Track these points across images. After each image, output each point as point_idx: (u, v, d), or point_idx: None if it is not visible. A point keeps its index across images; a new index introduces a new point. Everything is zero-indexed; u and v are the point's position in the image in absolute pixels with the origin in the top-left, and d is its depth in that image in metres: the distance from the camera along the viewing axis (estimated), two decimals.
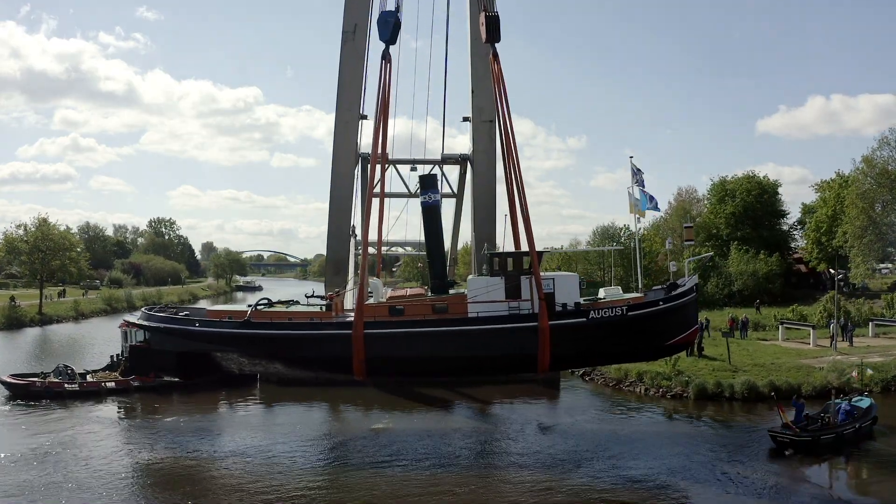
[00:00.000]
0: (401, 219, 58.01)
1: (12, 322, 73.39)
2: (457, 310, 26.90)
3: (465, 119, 47.57)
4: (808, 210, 79.57)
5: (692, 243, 41.48)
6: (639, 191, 29.30)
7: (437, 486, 24.96)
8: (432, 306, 27.17)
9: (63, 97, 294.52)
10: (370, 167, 29.19)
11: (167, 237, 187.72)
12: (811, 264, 74.31)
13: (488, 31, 27.82)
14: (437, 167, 48.58)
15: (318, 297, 30.73)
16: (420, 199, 30.74)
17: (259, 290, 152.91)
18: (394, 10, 27.66)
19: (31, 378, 38.93)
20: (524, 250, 27.67)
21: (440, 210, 31.27)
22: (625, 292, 30.52)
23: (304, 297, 31.36)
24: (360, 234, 46.57)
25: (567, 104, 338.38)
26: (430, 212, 30.12)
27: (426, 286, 31.75)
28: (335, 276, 45.73)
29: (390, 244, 55.03)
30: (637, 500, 23.68)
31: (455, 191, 52.64)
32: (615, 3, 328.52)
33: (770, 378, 36.80)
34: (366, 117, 45.59)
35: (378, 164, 27.94)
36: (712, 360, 41.61)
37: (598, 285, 30.71)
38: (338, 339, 26.50)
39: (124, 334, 41.55)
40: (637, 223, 30.21)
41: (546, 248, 31.80)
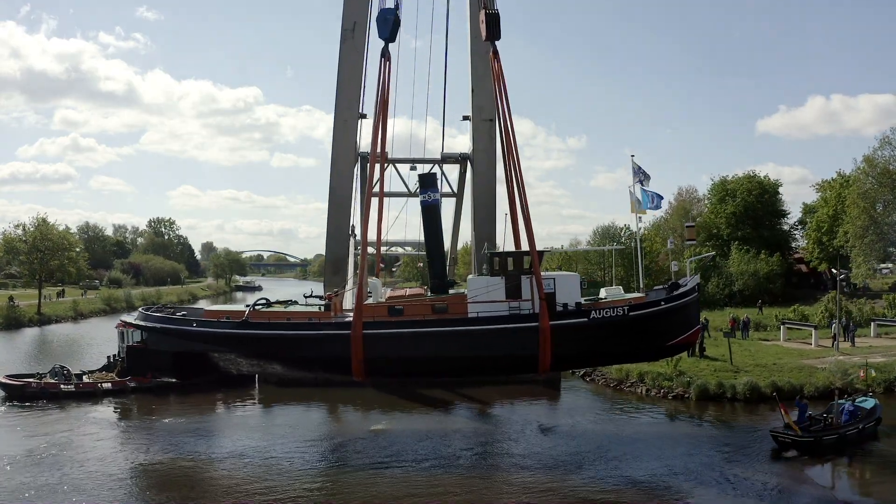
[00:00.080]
0: (400, 218, 57.25)
1: (11, 322, 73.25)
2: (457, 310, 26.67)
3: (465, 118, 47.31)
4: (808, 210, 79.44)
5: (694, 242, 41.32)
6: (640, 190, 29.07)
7: (438, 487, 24.76)
8: (432, 306, 26.95)
9: (63, 97, 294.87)
10: (369, 166, 29.01)
11: (167, 237, 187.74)
12: (812, 264, 74.17)
13: (488, 28, 27.66)
14: (437, 166, 48.28)
15: (317, 297, 30.53)
16: (420, 198, 30.50)
17: (259, 290, 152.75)
18: (393, 7, 27.44)
19: (27, 379, 38.65)
20: (525, 250, 27.45)
21: (440, 209, 31.04)
22: (625, 292, 30.28)
23: (302, 297, 31.15)
24: (359, 234, 46.25)
25: (567, 104, 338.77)
26: (430, 211, 29.89)
27: (426, 286, 31.50)
28: (334, 276, 45.48)
29: (390, 244, 54.72)
30: (639, 502, 23.45)
31: (455, 190, 52.34)
32: (615, 3, 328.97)
33: (772, 379, 36.58)
34: (365, 116, 45.39)
35: (377, 162, 27.75)
36: (714, 360, 41.39)
37: (599, 285, 30.47)
38: (336, 339, 26.27)
39: (121, 335, 41.32)
40: (638, 222, 29.96)
41: (546, 248, 31.51)
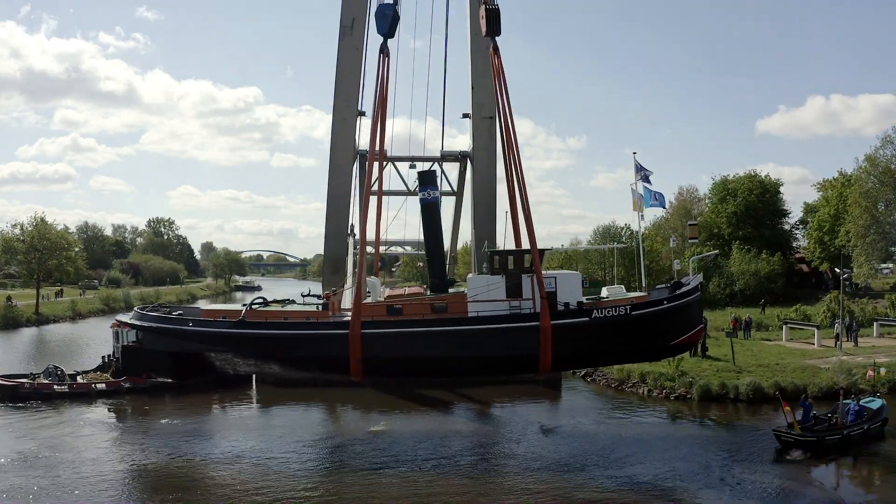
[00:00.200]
0: (400, 218, 57.02)
1: (8, 322, 73.00)
2: (456, 309, 26.33)
3: (465, 115, 46.92)
4: (810, 209, 79.16)
5: (696, 241, 41.06)
6: (643, 187, 28.72)
7: (438, 489, 24.47)
8: (431, 305, 26.61)
9: (63, 97, 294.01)
10: (368, 164, 28.72)
11: (166, 237, 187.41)
12: (813, 264, 73.85)
13: (488, 24, 27.35)
14: (437, 164, 47.92)
15: (315, 296, 30.19)
16: (419, 195, 30.15)
17: (258, 290, 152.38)
18: (392, 2, 27.12)
19: (20, 379, 38.27)
20: (525, 248, 27.13)
21: (439, 207, 30.73)
22: (627, 291, 29.91)
23: (300, 296, 30.82)
24: (358, 233, 45.92)
25: (567, 104, 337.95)
26: (430, 209, 29.54)
27: (425, 285, 31.17)
28: (333, 276, 45.11)
29: (389, 243, 54.33)
30: None
31: (455, 189, 51.97)
32: (615, 3, 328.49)
33: (775, 379, 36.25)
34: (364, 113, 45.00)
35: (376, 160, 27.43)
36: (716, 360, 41.06)
37: (600, 284, 30.11)
38: (335, 338, 25.95)
39: (116, 334, 40.96)
40: (640, 220, 29.59)
41: (547, 248, 31.18)
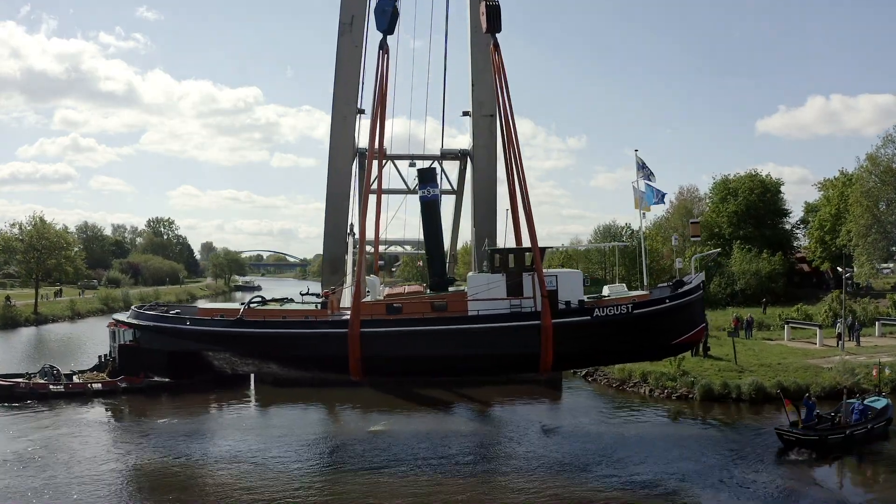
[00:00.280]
0: (400, 218, 56.77)
1: (7, 322, 72.87)
2: (456, 308, 26.05)
3: (465, 113, 46.64)
4: (811, 209, 78.94)
5: (698, 239, 40.81)
6: (644, 185, 28.42)
7: (438, 489, 24.26)
8: (431, 304, 26.35)
9: (63, 97, 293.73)
10: (367, 161, 28.44)
11: (166, 237, 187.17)
12: (814, 263, 73.63)
13: (489, 20, 27.12)
14: (437, 163, 47.63)
15: (314, 294, 29.90)
16: (419, 193, 29.87)
17: (258, 290, 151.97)
18: None
19: (16, 379, 38.01)
20: (526, 246, 26.87)
21: (439, 205, 30.45)
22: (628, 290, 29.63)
23: (298, 294, 30.54)
24: (357, 232, 45.68)
25: (567, 104, 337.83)
26: (429, 207, 29.26)
27: (425, 284, 30.91)
28: (332, 275, 44.80)
29: (388, 243, 53.93)
30: None
31: (455, 187, 51.66)
32: (615, 3, 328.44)
33: (778, 378, 36.03)
34: (363, 111, 44.70)
35: (375, 158, 27.16)
36: (718, 360, 40.82)
37: (601, 283, 29.83)
38: (333, 337, 25.67)
39: (112, 334, 40.74)
40: (642, 218, 29.27)
41: (548, 247, 30.91)
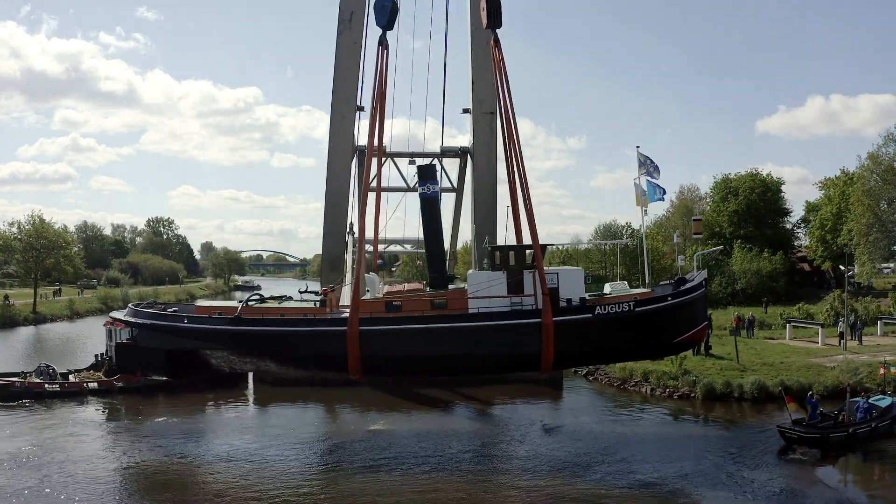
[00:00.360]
0: (399, 217, 56.66)
1: (5, 321, 72.81)
2: (456, 305, 25.82)
3: (465, 111, 46.41)
4: (812, 208, 78.68)
5: (700, 236, 40.62)
6: (646, 181, 28.17)
7: (438, 490, 24.00)
8: (431, 302, 26.11)
9: (63, 97, 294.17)
10: (366, 158, 28.19)
11: (165, 237, 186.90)
12: (815, 263, 73.36)
13: (489, 16, 27.03)
14: (437, 160, 47.33)
15: (312, 292, 29.61)
16: (419, 190, 29.60)
17: (257, 289, 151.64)
18: None
19: (11, 378, 37.73)
20: (527, 244, 26.62)
21: (439, 202, 30.22)
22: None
23: (297, 292, 30.27)
24: (356, 230, 45.40)
25: (567, 104, 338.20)
26: (429, 203, 28.98)
27: (424, 282, 30.66)
28: (331, 274, 44.57)
29: (388, 242, 53.58)
30: None
31: (455, 185, 51.37)
32: (615, 4, 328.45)
33: (780, 377, 35.76)
34: (363, 109, 44.46)
35: (374, 154, 26.92)
36: (719, 359, 40.55)
37: (603, 280, 29.56)
38: (332, 336, 25.45)
39: (109, 333, 40.41)
40: (644, 215, 29.01)
41: (549, 244, 30.64)
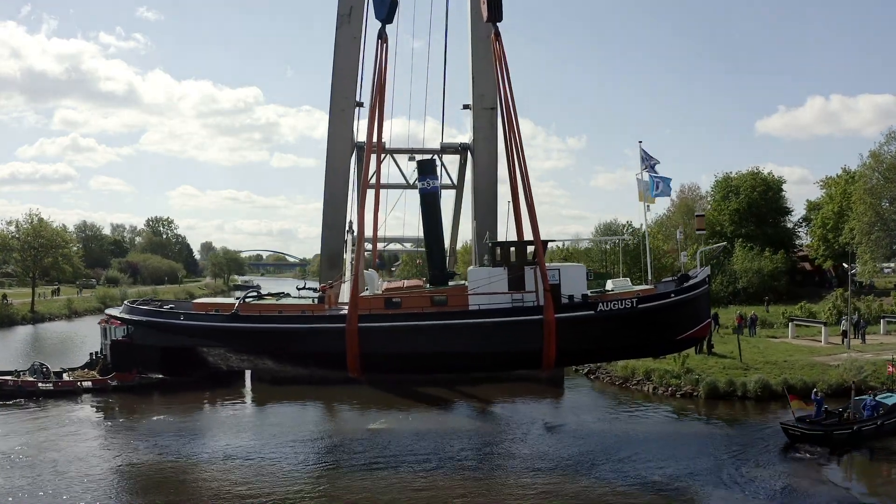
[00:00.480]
0: (399, 217, 56.40)
1: (3, 320, 72.78)
2: (457, 302, 25.46)
3: (465, 107, 46.08)
4: (813, 207, 78.45)
5: (703, 233, 40.38)
6: (648, 176, 27.85)
7: (438, 489, 23.76)
8: (431, 298, 25.75)
9: (63, 97, 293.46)
10: (365, 154, 27.83)
11: (165, 236, 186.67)
12: (817, 262, 73.14)
13: (490, 9, 26.57)
14: (437, 157, 46.96)
15: (311, 289, 29.25)
16: (418, 186, 29.26)
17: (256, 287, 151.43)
18: None
19: (5, 377, 37.43)
20: (528, 240, 26.27)
21: (439, 197, 29.80)
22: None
23: (295, 289, 29.93)
24: (356, 227, 45.07)
25: (567, 104, 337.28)
26: (429, 199, 28.59)
27: (424, 278, 30.31)
28: (330, 271, 44.23)
29: (388, 240, 53.24)
30: None
31: (455, 182, 51.01)
32: (615, 4, 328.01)
33: (784, 376, 35.48)
34: (362, 104, 44.09)
35: (374, 150, 26.57)
36: (722, 357, 40.24)
37: (605, 277, 29.22)
38: (331, 333, 25.06)
39: (103, 331, 40.13)
40: (646, 211, 28.66)
41: (550, 240, 30.28)
